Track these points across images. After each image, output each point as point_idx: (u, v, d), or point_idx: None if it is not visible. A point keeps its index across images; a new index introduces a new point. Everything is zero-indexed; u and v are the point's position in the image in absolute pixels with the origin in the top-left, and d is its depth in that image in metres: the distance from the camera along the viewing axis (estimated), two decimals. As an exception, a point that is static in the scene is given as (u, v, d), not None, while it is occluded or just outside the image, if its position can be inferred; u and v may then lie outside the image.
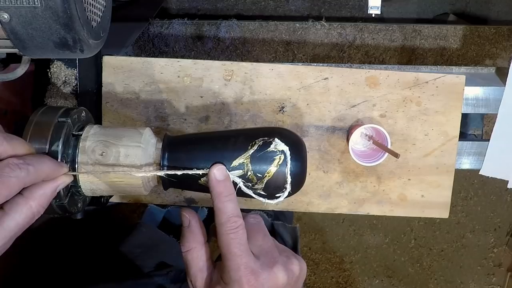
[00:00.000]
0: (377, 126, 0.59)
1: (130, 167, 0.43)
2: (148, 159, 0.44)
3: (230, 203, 0.41)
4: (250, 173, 0.43)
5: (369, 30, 1.00)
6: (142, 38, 0.96)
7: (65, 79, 0.57)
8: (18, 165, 0.34)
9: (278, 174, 0.43)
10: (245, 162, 0.43)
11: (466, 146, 0.68)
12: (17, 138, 0.37)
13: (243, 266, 0.39)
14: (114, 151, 0.43)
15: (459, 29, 1.01)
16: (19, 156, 0.36)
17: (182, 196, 0.65)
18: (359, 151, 0.63)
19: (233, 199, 0.41)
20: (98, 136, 0.44)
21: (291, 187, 0.44)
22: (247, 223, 0.43)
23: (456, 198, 1.63)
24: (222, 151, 0.44)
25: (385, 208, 0.65)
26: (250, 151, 0.43)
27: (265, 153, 0.43)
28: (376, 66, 0.67)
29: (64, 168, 0.40)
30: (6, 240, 0.34)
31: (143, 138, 0.44)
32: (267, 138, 0.44)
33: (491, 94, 0.66)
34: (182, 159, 0.44)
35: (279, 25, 0.99)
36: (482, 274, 1.72)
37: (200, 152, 0.44)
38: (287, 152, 0.43)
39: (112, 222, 1.59)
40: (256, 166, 0.43)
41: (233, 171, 0.43)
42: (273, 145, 0.44)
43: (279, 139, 0.44)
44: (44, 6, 0.37)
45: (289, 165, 0.43)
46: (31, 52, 0.41)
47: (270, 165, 0.43)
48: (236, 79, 0.62)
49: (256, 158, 0.43)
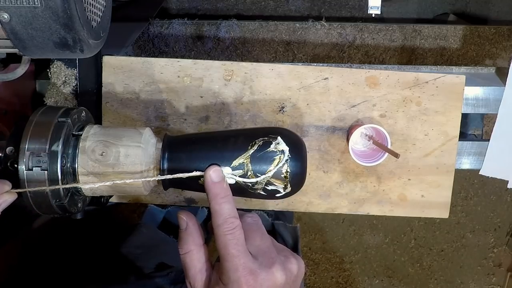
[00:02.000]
0: (377, 126, 0.59)
1: (130, 168, 0.43)
2: (148, 159, 0.44)
3: (226, 204, 0.41)
4: (250, 173, 0.43)
5: (369, 30, 1.00)
6: (142, 38, 0.96)
7: (65, 79, 0.57)
8: None
9: (278, 174, 0.43)
10: (245, 162, 0.43)
11: (466, 146, 0.68)
12: None
13: (241, 267, 0.39)
14: (114, 151, 0.43)
15: (459, 29, 1.01)
16: None
17: (182, 196, 0.65)
18: (359, 151, 0.63)
19: (229, 200, 0.42)
20: (98, 136, 0.44)
21: (291, 187, 0.44)
22: (245, 222, 0.43)
23: (456, 198, 1.63)
24: (222, 151, 0.44)
25: (385, 208, 0.65)
26: (250, 151, 0.43)
27: (265, 153, 0.43)
28: (376, 66, 0.67)
29: (6, 186, 0.39)
30: None
31: (143, 138, 0.44)
32: (267, 138, 0.44)
33: (491, 94, 0.66)
34: (182, 159, 0.44)
35: (279, 25, 0.99)
36: (482, 274, 1.72)
37: (200, 152, 0.44)
38: (287, 152, 0.43)
39: (112, 222, 1.59)
40: (256, 166, 0.43)
41: (233, 171, 0.43)
42: (273, 145, 0.44)
43: (279, 139, 0.44)
44: (44, 6, 0.37)
45: (289, 165, 0.43)
46: (31, 52, 0.41)
47: (270, 165, 0.43)
48: (236, 79, 0.62)
49: (256, 158, 0.43)
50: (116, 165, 0.42)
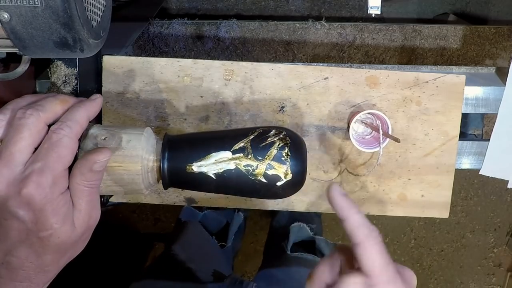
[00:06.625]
0: (377, 112, 0.59)
1: (131, 152, 0.43)
2: (150, 147, 0.44)
3: (359, 214, 0.38)
4: (251, 156, 0.43)
5: (369, 30, 1.00)
6: (142, 38, 0.96)
7: (65, 79, 0.57)
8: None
9: (278, 157, 0.43)
10: (246, 145, 0.43)
11: (466, 146, 0.68)
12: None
13: (391, 277, 0.36)
14: (116, 137, 0.43)
15: (459, 29, 1.01)
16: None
17: (182, 196, 0.65)
18: (360, 137, 0.63)
19: (358, 210, 0.38)
20: (101, 128, 0.44)
21: (292, 174, 0.44)
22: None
23: (456, 198, 1.63)
24: (223, 137, 0.44)
25: (385, 208, 0.65)
26: (250, 136, 0.44)
27: (265, 137, 0.44)
28: (376, 66, 0.67)
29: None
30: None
31: (145, 130, 0.45)
32: (266, 127, 0.45)
33: (491, 94, 0.66)
34: (182, 158, 0.44)
35: (279, 25, 0.99)
36: (482, 274, 1.72)
37: (201, 139, 0.45)
38: (287, 137, 0.44)
39: (112, 222, 1.59)
40: (257, 150, 0.43)
41: (234, 154, 0.43)
42: (272, 131, 0.44)
43: (278, 128, 0.44)
44: (44, 6, 0.37)
45: (289, 149, 0.43)
46: (31, 51, 0.41)
47: (270, 148, 0.43)
48: (236, 78, 0.62)
49: (257, 142, 0.43)
50: (117, 149, 0.42)
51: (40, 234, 0.37)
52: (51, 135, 0.38)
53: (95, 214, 0.41)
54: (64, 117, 0.40)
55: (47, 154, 0.37)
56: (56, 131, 0.38)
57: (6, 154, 0.36)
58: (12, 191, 0.36)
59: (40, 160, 0.36)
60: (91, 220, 0.41)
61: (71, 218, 0.39)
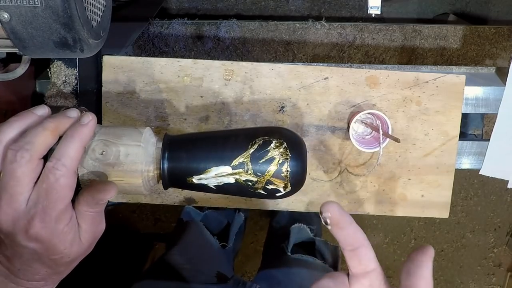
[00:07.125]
0: (377, 112, 0.59)
1: (130, 167, 0.43)
2: (148, 158, 0.44)
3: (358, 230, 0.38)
4: (250, 172, 0.43)
5: (369, 30, 1.00)
6: (142, 38, 0.96)
7: (65, 79, 0.57)
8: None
9: (278, 173, 0.43)
10: (245, 161, 0.43)
11: (466, 146, 0.68)
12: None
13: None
14: (114, 150, 0.43)
15: (459, 29, 1.01)
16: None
17: (182, 196, 0.65)
18: (360, 137, 0.63)
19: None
20: (98, 135, 0.43)
21: (291, 186, 0.44)
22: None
23: (456, 198, 1.63)
24: (222, 150, 0.44)
25: (385, 208, 0.65)
26: (250, 150, 0.43)
27: (265, 152, 0.43)
28: (376, 66, 0.67)
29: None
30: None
31: (143, 137, 0.44)
32: (267, 137, 0.44)
33: (491, 94, 0.66)
34: (182, 158, 0.44)
35: (279, 25, 0.99)
36: (482, 274, 1.72)
37: (201, 151, 0.44)
38: (287, 151, 0.43)
39: (112, 222, 1.58)
40: (256, 165, 0.43)
41: (233, 170, 0.43)
42: (273, 144, 0.44)
43: (279, 138, 0.44)
44: (44, 6, 0.37)
45: (289, 164, 0.43)
46: (31, 51, 0.41)
47: (270, 164, 0.43)
48: (236, 79, 0.62)
49: (256, 157, 0.43)
50: (116, 164, 0.42)
51: (51, 257, 0.39)
52: (48, 174, 0.37)
53: (101, 227, 0.43)
54: (59, 153, 0.38)
55: (47, 196, 0.37)
56: (52, 171, 0.37)
57: (7, 196, 0.37)
58: (18, 229, 0.37)
59: (42, 201, 0.37)
60: (97, 232, 0.43)
61: (78, 238, 0.40)
